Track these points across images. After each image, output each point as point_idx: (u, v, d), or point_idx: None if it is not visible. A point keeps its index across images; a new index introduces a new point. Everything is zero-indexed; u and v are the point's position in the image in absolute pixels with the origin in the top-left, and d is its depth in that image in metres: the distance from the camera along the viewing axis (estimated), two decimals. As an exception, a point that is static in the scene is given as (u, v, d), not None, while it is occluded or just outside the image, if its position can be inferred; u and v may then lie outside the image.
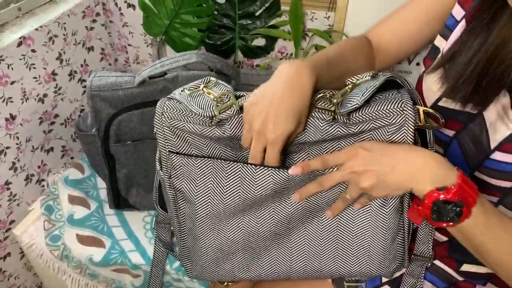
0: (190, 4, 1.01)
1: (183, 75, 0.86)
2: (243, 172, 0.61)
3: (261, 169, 0.60)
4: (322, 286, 0.77)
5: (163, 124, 0.64)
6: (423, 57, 0.71)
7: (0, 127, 0.88)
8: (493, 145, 0.59)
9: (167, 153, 0.65)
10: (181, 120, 0.63)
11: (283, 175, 0.60)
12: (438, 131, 0.66)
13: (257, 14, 1.01)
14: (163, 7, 1.03)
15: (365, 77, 0.61)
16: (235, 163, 0.62)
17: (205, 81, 0.66)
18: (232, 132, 0.61)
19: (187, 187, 0.66)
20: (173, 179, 0.67)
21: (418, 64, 0.98)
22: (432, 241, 0.66)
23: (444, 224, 0.54)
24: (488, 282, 0.73)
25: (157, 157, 0.68)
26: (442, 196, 0.52)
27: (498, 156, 0.58)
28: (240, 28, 1.03)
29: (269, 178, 0.60)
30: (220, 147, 0.64)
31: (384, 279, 0.75)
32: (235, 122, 0.61)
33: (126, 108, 0.87)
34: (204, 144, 0.64)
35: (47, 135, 1.01)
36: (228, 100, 0.61)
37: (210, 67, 0.86)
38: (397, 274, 0.74)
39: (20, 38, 0.86)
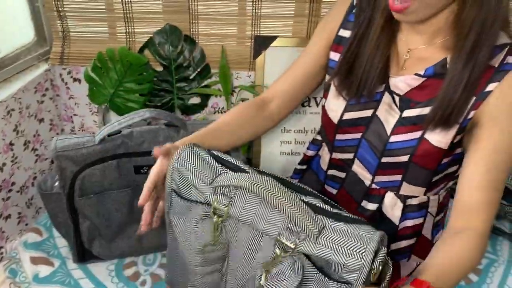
0: (132, 74, 1.17)
1: (137, 130, 1.01)
2: None
3: None
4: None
5: (173, 166, 0.73)
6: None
7: (-35, 196, 0.94)
8: (389, 132, 0.81)
9: (170, 191, 0.75)
10: (188, 170, 0.71)
11: None
12: (343, 140, 0.87)
13: (191, 77, 1.20)
14: (108, 79, 1.18)
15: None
16: None
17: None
18: None
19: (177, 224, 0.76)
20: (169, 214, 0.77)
21: (325, 105, 1.23)
22: None
23: None
24: (411, 255, 0.93)
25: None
26: None
27: (393, 138, 0.81)
28: (178, 90, 1.21)
29: None
30: None
31: None
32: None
33: (90, 164, 0.98)
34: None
35: (5, 202, 1.07)
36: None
37: (161, 119, 1.02)
38: None
39: (-17, 112, 0.96)
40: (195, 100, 1.24)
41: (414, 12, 0.71)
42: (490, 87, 0.73)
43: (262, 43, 1.18)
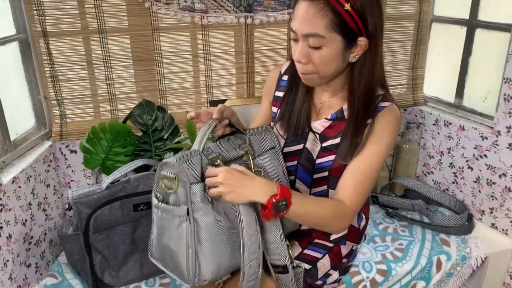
0: (119, 140, 1.51)
1: (133, 176, 1.33)
2: None
3: None
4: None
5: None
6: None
7: (3, 244, 1.19)
8: (315, 157, 1.20)
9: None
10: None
11: None
12: (289, 165, 1.25)
13: (165, 137, 1.56)
14: (99, 146, 1.51)
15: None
16: None
17: None
18: None
19: None
20: None
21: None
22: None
23: (282, 214, 0.99)
24: (346, 241, 1.29)
25: None
26: (274, 199, 0.97)
27: (318, 161, 1.20)
28: (155, 149, 1.56)
29: None
30: None
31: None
32: None
33: (100, 206, 1.27)
34: None
35: (27, 253, 1.32)
36: None
37: (151, 165, 1.35)
38: None
39: (13, 177, 1.25)
40: (170, 155, 1.58)
41: (314, 80, 1.13)
42: (369, 121, 1.15)
43: (215, 105, 1.57)
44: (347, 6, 0.99)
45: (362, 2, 1.00)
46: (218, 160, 1.03)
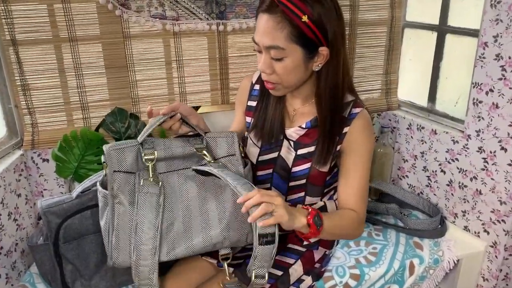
0: (91, 148, 1.51)
1: (104, 185, 1.32)
2: None
3: None
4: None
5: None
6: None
7: (-30, 255, 1.18)
8: (290, 165, 1.21)
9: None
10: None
11: None
12: (261, 175, 1.25)
13: (138, 145, 1.55)
14: (72, 155, 1.50)
15: None
16: None
17: None
18: None
19: None
20: None
21: (244, 152, 1.62)
22: None
23: (321, 228, 1.03)
24: (319, 246, 1.30)
25: None
26: (310, 216, 1.01)
27: (294, 169, 1.21)
28: (129, 156, 1.55)
29: None
30: None
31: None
32: None
33: (70, 215, 1.27)
34: None
35: (-4, 264, 1.31)
36: None
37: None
38: None
39: (-20, 188, 1.24)
40: (143, 162, 1.58)
41: (280, 90, 1.14)
42: (345, 129, 1.17)
43: (189, 112, 1.58)
44: (304, 18, 0.99)
45: (320, 12, 1.00)
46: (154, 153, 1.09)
